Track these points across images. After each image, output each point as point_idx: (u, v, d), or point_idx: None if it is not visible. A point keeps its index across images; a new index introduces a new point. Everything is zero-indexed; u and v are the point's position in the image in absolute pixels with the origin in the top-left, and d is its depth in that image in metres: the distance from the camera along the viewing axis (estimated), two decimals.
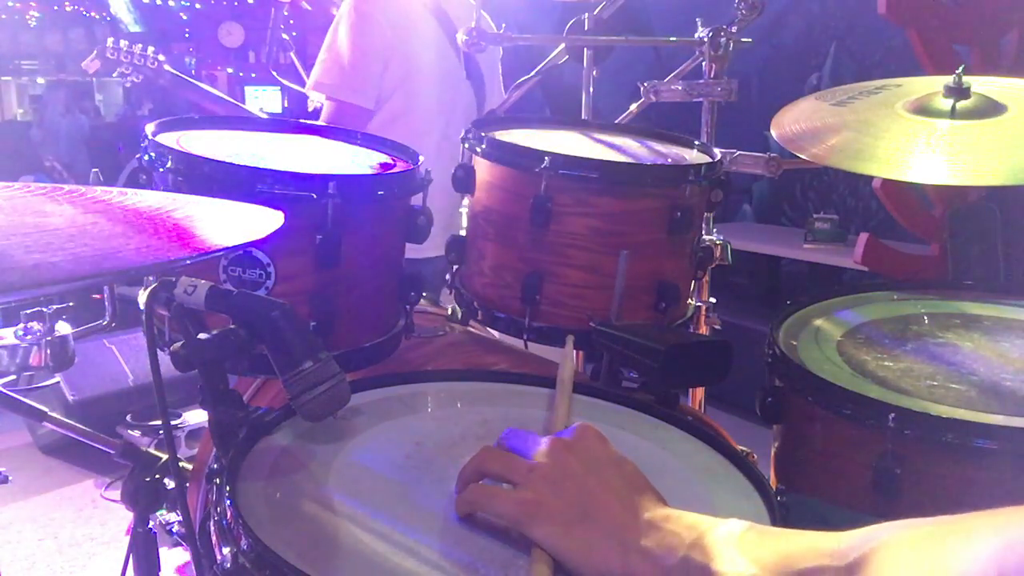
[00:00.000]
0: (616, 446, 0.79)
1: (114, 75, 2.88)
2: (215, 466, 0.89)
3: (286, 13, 3.63)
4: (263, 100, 7.29)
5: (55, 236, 0.66)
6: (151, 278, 0.96)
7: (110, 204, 0.79)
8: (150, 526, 1.04)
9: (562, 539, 0.73)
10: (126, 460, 1.05)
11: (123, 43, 2.86)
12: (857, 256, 3.27)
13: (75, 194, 0.80)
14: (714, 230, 1.76)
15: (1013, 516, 0.51)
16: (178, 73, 2.93)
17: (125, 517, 1.04)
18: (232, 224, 0.84)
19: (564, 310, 1.33)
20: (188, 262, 0.68)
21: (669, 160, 1.46)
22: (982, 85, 1.36)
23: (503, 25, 1.90)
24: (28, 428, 3.69)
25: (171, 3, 9.16)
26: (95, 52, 2.84)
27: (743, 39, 1.81)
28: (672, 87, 1.82)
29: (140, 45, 2.85)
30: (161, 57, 2.89)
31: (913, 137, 1.29)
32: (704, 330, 1.77)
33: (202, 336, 0.89)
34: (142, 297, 0.93)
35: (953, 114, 1.32)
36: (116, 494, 1.83)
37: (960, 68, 1.35)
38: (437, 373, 1.20)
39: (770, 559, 0.62)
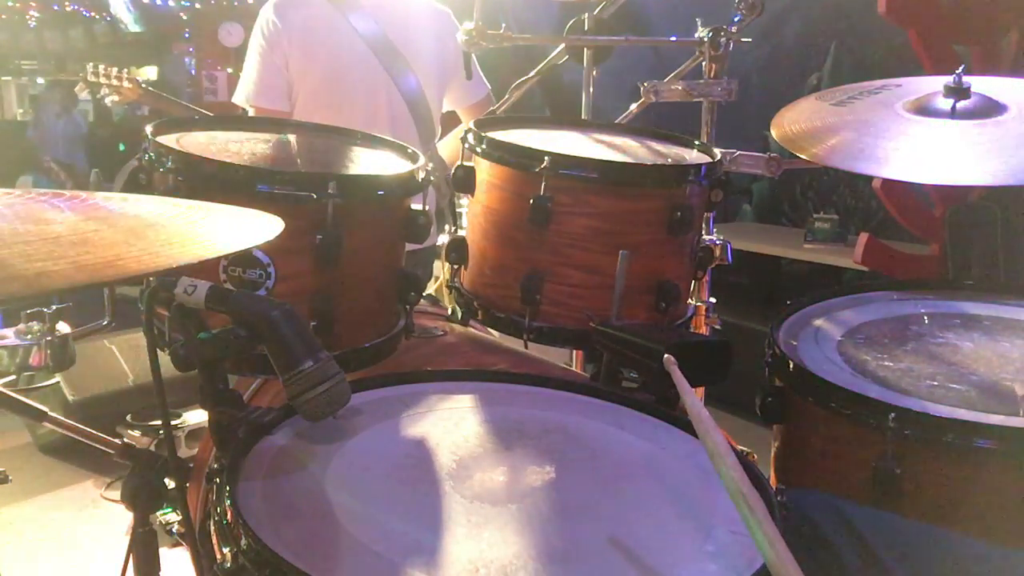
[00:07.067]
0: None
1: (98, 95, 3.16)
2: (215, 466, 0.89)
3: None
4: None
5: (57, 243, 0.66)
6: (151, 278, 0.96)
7: (112, 210, 0.79)
8: (150, 526, 1.04)
9: None
10: (126, 460, 1.04)
11: (101, 66, 3.09)
12: (857, 256, 3.26)
13: (77, 200, 0.80)
14: (714, 230, 1.76)
15: None
16: (153, 90, 3.15)
17: (125, 517, 1.04)
18: (232, 228, 0.84)
19: (564, 310, 1.33)
20: None
21: (669, 160, 1.46)
22: (982, 85, 1.36)
23: (503, 25, 1.90)
24: (28, 428, 3.69)
25: (171, 3, 9.15)
26: (80, 79, 3.15)
27: (743, 39, 1.81)
28: (672, 87, 1.82)
29: (115, 68, 3.08)
30: (139, 74, 3.14)
31: (913, 137, 1.29)
32: (704, 330, 1.77)
33: (202, 336, 0.89)
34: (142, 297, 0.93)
35: (953, 114, 1.32)
36: (116, 494, 1.83)
37: (960, 68, 1.35)
38: (437, 373, 1.20)
39: None
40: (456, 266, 1.48)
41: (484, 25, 1.85)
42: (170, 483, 1.01)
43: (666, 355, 0.92)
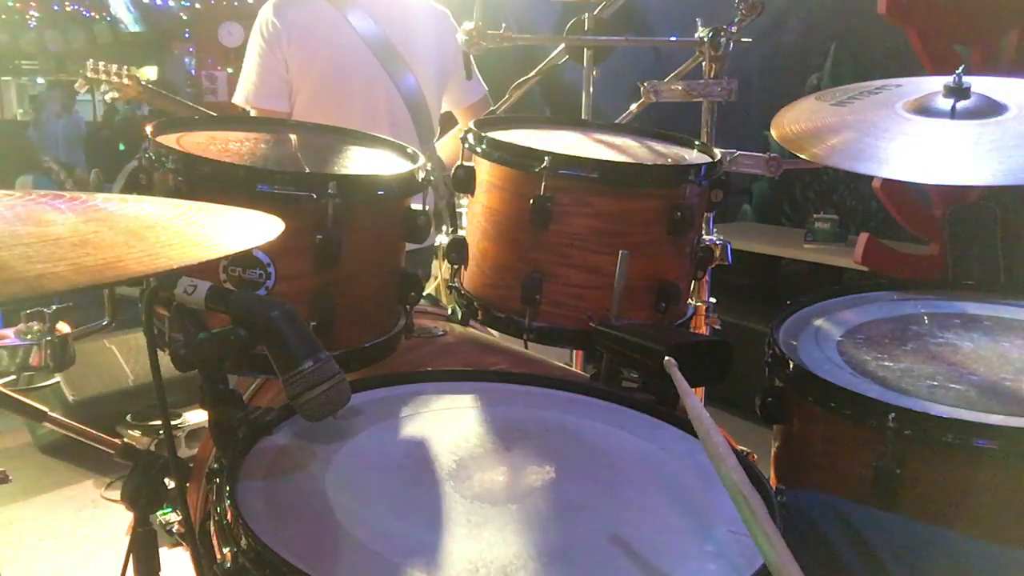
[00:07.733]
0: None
1: (98, 92, 3.16)
2: (215, 466, 0.89)
3: None
4: None
5: (57, 245, 0.66)
6: (151, 278, 0.96)
7: (112, 212, 0.79)
8: (150, 526, 1.04)
9: None
10: (126, 460, 1.04)
11: (101, 63, 3.09)
12: (857, 256, 3.27)
13: (77, 202, 0.80)
14: (714, 230, 1.76)
15: None
16: (152, 88, 3.16)
17: (125, 517, 1.04)
18: (232, 228, 0.84)
19: (564, 310, 1.33)
20: None
21: (669, 160, 1.46)
22: (982, 85, 1.36)
23: (503, 25, 1.90)
24: (28, 428, 3.69)
25: (171, 3, 9.15)
26: (80, 75, 3.13)
27: (743, 39, 1.81)
28: (672, 87, 1.82)
29: (115, 65, 3.08)
30: (140, 74, 3.14)
31: (913, 137, 1.29)
32: (704, 330, 1.77)
33: (202, 336, 0.89)
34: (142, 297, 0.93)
35: (953, 114, 1.32)
36: (116, 494, 1.83)
37: (960, 68, 1.35)
38: (437, 373, 1.20)
39: None
40: (456, 266, 1.48)
41: (484, 25, 1.85)
42: (170, 483, 1.01)
43: (666, 357, 0.91)
